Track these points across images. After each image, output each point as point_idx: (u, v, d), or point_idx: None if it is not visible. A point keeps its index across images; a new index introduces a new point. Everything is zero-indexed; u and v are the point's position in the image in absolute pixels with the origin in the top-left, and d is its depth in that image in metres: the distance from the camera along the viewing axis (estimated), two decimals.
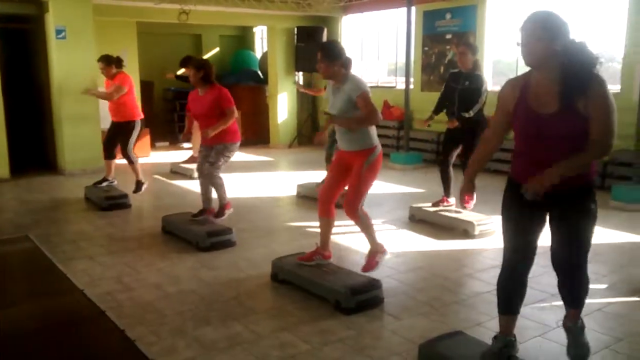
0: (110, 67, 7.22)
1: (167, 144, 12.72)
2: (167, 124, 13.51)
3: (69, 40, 9.01)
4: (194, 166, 8.82)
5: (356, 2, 11.09)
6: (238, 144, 5.73)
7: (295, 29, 12.04)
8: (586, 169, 2.74)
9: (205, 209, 5.75)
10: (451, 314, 3.93)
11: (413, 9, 10.10)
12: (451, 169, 6.12)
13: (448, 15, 9.86)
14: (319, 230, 4.48)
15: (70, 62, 9.01)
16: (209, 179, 5.64)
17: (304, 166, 9.90)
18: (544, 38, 2.58)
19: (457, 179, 5.47)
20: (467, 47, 5.87)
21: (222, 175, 5.69)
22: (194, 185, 8.26)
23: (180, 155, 10.63)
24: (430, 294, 4.24)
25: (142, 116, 7.47)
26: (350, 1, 11.07)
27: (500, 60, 9.99)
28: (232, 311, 3.95)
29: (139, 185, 7.33)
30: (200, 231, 5.36)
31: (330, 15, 11.83)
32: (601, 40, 8.30)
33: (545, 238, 2.98)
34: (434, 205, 6.20)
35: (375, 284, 4.04)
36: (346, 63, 4.13)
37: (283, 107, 12.35)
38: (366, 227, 4.30)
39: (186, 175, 8.89)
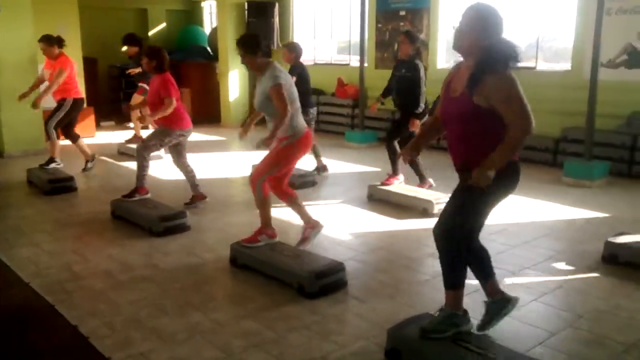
0: (53, 47, 6.99)
1: (112, 123, 12.19)
2: (112, 103, 12.98)
3: (4, 14, 8.43)
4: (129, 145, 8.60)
5: None
6: (181, 131, 5.67)
7: (246, 4, 11.70)
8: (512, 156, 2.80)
9: (137, 187, 5.70)
10: (416, 295, 3.89)
11: None
12: (396, 145, 6.09)
13: None
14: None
15: (7, 38, 8.45)
16: (136, 155, 5.70)
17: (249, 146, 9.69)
18: (477, 29, 2.74)
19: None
20: (406, 36, 6.01)
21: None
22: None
23: (128, 134, 10.21)
24: (394, 275, 4.19)
25: (78, 95, 7.24)
26: None
27: None
28: (190, 299, 3.78)
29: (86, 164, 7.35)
30: (153, 215, 5.13)
31: None
32: (548, 19, 8.37)
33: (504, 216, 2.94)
34: (383, 184, 6.14)
35: (338, 267, 3.95)
36: (265, 52, 4.32)
37: (234, 85, 12.03)
38: (261, 204, 4.34)
39: (134, 155, 8.51)
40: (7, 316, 3.48)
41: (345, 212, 5.76)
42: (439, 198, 5.64)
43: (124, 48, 8.87)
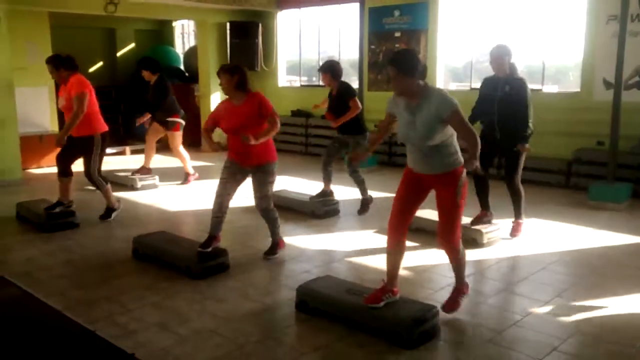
0: (59, 70, 5.85)
1: None
2: None
3: None
4: (135, 177, 7.93)
5: None
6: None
7: (228, 24, 11.26)
8: None
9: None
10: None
11: (358, 4, 9.77)
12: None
13: (397, 13, 9.59)
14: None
15: None
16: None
17: None
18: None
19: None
20: (499, 51, 5.24)
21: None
22: (138, 197, 7.40)
23: (112, 162, 9.51)
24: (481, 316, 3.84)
25: (104, 129, 6.06)
26: None
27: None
28: (276, 355, 3.31)
29: (108, 211, 6.30)
30: (190, 254, 4.60)
31: (265, 9, 11.17)
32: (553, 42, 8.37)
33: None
34: (474, 222, 5.67)
35: (433, 311, 3.57)
36: (422, 73, 3.51)
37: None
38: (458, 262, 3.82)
39: (126, 185, 7.88)
40: None
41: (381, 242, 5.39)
42: (487, 227, 5.38)
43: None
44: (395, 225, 3.68)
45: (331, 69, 6.29)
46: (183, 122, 7.86)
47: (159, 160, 9.24)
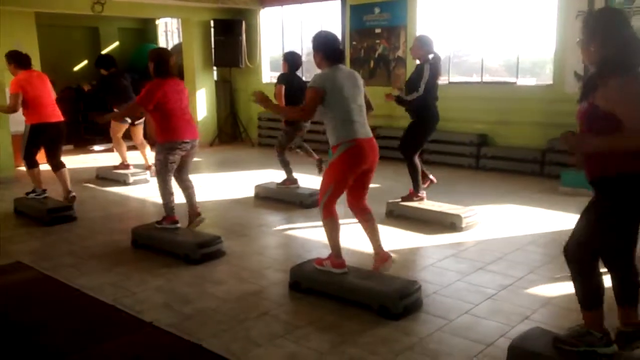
0: (10, 65, 6.39)
1: (71, 147, 11.56)
2: (70, 125, 12.28)
3: None
4: (127, 171, 8.19)
5: None
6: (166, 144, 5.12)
7: (212, 22, 11.50)
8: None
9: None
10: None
11: (340, 2, 10.08)
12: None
13: (377, 10, 9.91)
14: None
15: None
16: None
17: (231, 166, 9.56)
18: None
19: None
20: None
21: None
22: (131, 191, 7.65)
23: (90, 159, 9.74)
24: (456, 288, 4.19)
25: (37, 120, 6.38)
26: None
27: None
28: (273, 329, 3.62)
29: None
30: (189, 242, 4.89)
31: (248, 7, 11.42)
32: (525, 36, 8.75)
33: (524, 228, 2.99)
34: (405, 199, 6.16)
35: (416, 286, 3.91)
36: (325, 55, 4.08)
37: (202, 104, 11.76)
38: (326, 228, 4.13)
39: (119, 181, 8.13)
40: None
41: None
42: (466, 211, 5.73)
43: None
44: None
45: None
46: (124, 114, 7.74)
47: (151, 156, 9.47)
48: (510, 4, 8.69)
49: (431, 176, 6.26)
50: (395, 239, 5.38)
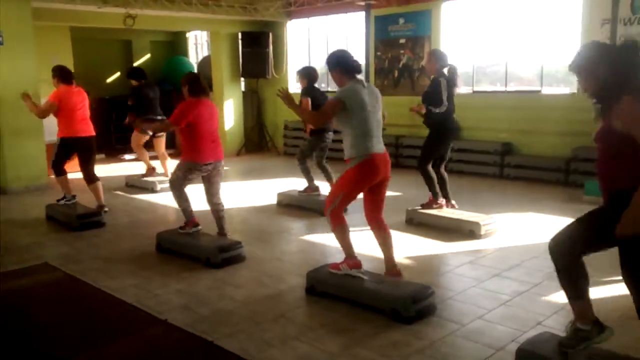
0: (54, 79, 6.74)
1: (103, 156, 11.93)
2: (102, 136, 12.67)
3: (7, 45, 8.22)
4: (155, 179, 8.42)
5: (301, 8, 10.93)
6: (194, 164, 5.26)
7: (240, 34, 11.75)
8: None
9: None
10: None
11: (364, 13, 10.18)
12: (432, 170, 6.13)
13: (401, 20, 10.01)
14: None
15: (8, 71, 8.22)
16: None
17: (256, 175, 9.73)
18: None
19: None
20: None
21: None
22: (158, 199, 7.87)
23: (121, 167, 10.01)
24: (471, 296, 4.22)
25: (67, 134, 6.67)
26: (298, 6, 10.91)
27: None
28: (287, 331, 3.72)
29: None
30: (211, 246, 5.03)
31: (275, 20, 11.64)
32: (551, 46, 8.71)
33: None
34: (424, 207, 6.21)
35: (429, 291, 3.96)
36: (343, 70, 4.19)
37: (229, 114, 12.00)
38: (337, 235, 4.24)
39: (147, 188, 8.37)
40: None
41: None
42: (485, 219, 5.75)
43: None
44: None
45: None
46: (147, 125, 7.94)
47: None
48: (535, 12, 8.68)
49: (453, 201, 6.27)
50: (414, 245, 5.45)
